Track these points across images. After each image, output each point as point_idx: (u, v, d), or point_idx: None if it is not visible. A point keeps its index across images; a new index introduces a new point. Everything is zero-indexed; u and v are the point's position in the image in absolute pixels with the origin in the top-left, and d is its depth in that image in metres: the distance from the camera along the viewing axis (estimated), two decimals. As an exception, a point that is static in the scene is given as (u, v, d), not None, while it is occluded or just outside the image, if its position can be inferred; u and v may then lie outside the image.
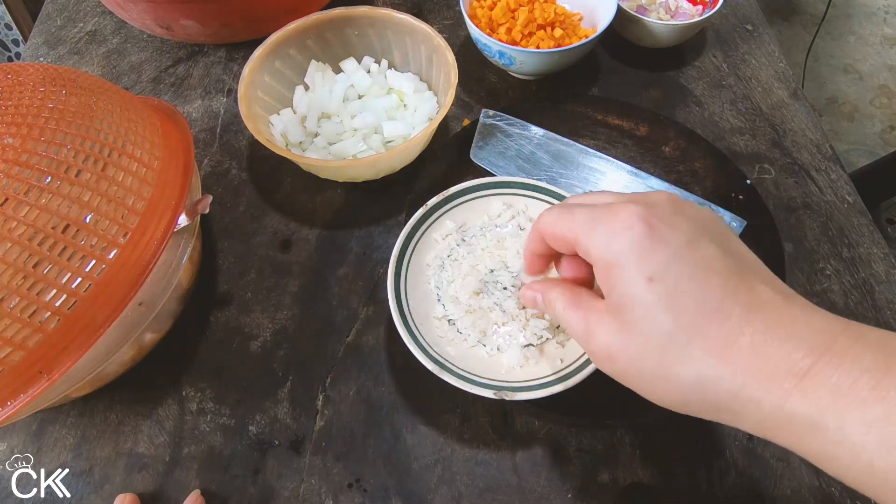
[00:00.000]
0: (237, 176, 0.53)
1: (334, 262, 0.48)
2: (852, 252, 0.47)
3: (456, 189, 0.43)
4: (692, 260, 0.24)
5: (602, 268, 0.26)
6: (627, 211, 0.25)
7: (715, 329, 0.23)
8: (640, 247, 0.24)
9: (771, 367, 0.22)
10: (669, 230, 0.25)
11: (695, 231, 0.25)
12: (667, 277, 0.24)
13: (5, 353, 0.30)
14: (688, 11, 0.60)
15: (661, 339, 0.24)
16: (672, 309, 0.23)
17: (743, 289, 0.23)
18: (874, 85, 1.58)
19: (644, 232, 0.24)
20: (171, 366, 0.43)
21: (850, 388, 0.20)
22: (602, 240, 0.25)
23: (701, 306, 0.23)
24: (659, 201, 0.26)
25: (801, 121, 0.55)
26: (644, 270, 0.24)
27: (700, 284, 0.23)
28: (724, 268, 0.24)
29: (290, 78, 0.54)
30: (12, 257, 0.30)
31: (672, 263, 0.24)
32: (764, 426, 0.23)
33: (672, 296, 0.23)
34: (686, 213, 0.26)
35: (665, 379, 0.24)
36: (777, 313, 0.23)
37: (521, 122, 0.50)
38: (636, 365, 0.25)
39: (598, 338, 0.26)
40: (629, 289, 0.24)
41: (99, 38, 0.65)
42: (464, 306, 0.40)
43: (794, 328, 0.22)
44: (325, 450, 0.40)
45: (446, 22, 0.64)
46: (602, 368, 0.27)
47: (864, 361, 0.21)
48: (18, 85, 0.35)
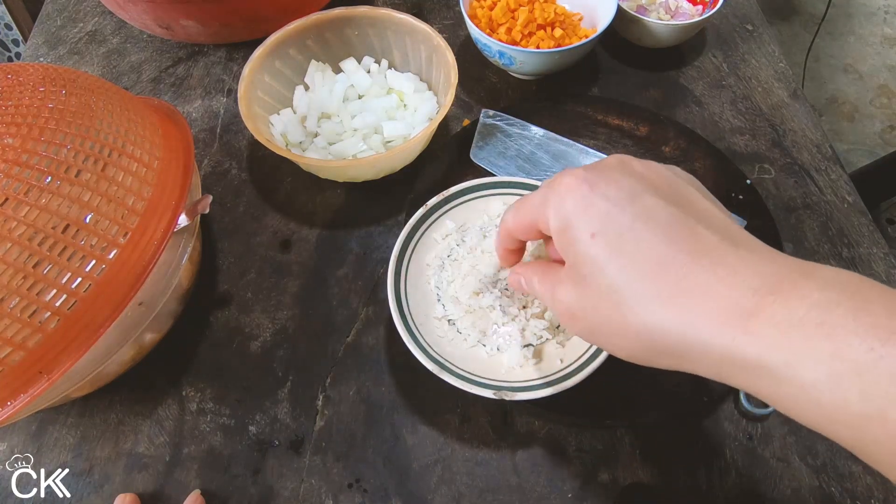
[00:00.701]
0: (237, 176, 0.53)
1: (334, 262, 0.48)
2: (852, 252, 0.47)
3: (456, 189, 0.43)
4: (632, 211, 0.24)
5: (556, 235, 0.26)
6: (571, 174, 0.26)
7: (660, 276, 0.23)
8: (583, 205, 0.25)
9: (716, 309, 0.22)
10: (610, 187, 0.25)
11: (638, 185, 0.25)
12: (608, 231, 0.24)
13: (5, 353, 0.30)
14: (688, 11, 0.60)
15: (610, 291, 0.24)
16: (616, 260, 0.24)
17: (685, 235, 0.24)
18: (874, 85, 1.58)
19: (585, 191, 0.25)
20: (171, 366, 0.43)
21: (796, 324, 0.20)
22: (552, 211, 0.26)
23: (644, 255, 0.24)
24: (606, 163, 0.27)
25: (801, 121, 0.55)
26: (588, 227, 0.25)
27: (640, 234, 0.24)
28: (666, 216, 0.24)
29: (290, 78, 0.54)
30: (12, 257, 0.30)
31: (612, 216, 0.24)
32: (719, 370, 0.23)
33: (615, 248, 0.24)
34: (633, 169, 0.26)
35: (620, 329, 0.25)
36: (723, 258, 0.23)
37: (521, 122, 0.50)
38: (593, 319, 0.26)
39: (560, 299, 0.27)
40: (578, 246, 0.25)
41: (99, 38, 0.65)
42: (464, 306, 0.40)
43: (740, 270, 0.22)
44: (325, 450, 0.40)
45: (446, 22, 0.64)
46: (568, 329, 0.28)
47: (811, 297, 0.21)
48: (18, 85, 0.35)
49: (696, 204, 0.25)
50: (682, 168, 0.28)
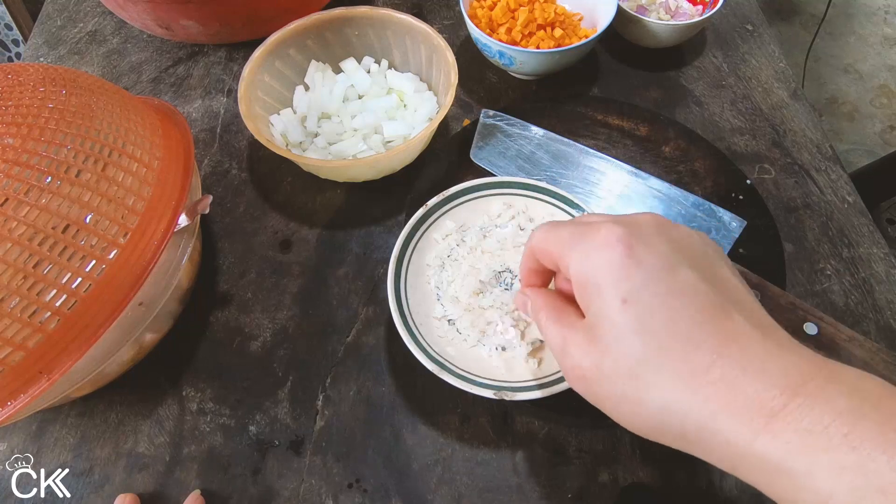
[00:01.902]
0: (237, 176, 0.53)
1: (334, 262, 0.48)
2: (852, 252, 0.47)
3: (456, 189, 0.43)
4: (667, 285, 0.23)
5: (578, 285, 0.25)
6: (608, 230, 0.25)
7: (685, 357, 0.22)
8: (617, 267, 0.24)
9: (741, 403, 0.21)
10: (648, 253, 0.24)
11: (675, 255, 0.24)
12: (640, 300, 0.23)
13: (5, 353, 0.30)
14: (688, 11, 0.60)
15: (631, 363, 0.23)
16: (643, 333, 0.23)
17: (718, 318, 0.23)
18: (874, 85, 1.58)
19: (622, 253, 0.24)
20: (171, 366, 0.43)
21: (821, 433, 0.20)
22: (580, 257, 0.25)
23: (672, 333, 0.23)
24: (644, 222, 0.26)
25: (801, 121, 0.55)
26: (619, 292, 0.24)
27: (673, 310, 0.23)
28: (700, 295, 0.23)
29: (290, 78, 0.54)
30: (12, 257, 0.30)
31: (647, 286, 0.23)
32: (731, 462, 0.22)
33: (644, 320, 0.23)
34: (670, 235, 0.25)
35: (633, 403, 0.24)
36: (751, 347, 0.22)
37: (521, 122, 0.50)
38: (606, 387, 0.24)
39: (572, 356, 0.26)
40: (603, 309, 0.24)
41: (99, 38, 0.65)
42: (464, 306, 0.40)
43: (768, 364, 0.22)
44: (325, 450, 0.40)
45: (446, 22, 0.64)
46: (574, 387, 0.26)
47: (837, 405, 0.20)
48: (18, 85, 0.35)
49: (727, 282, 0.25)
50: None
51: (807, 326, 0.36)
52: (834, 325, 0.36)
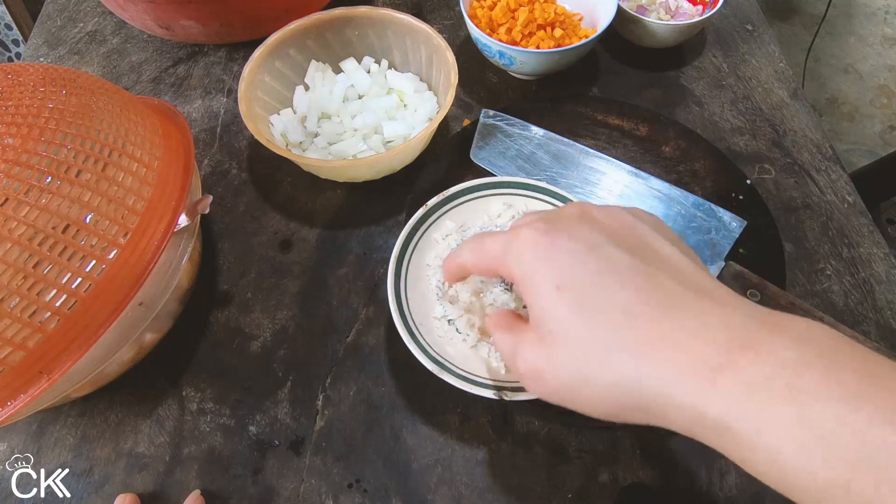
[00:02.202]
0: (237, 176, 0.53)
1: (334, 262, 0.48)
2: (852, 252, 0.47)
3: (456, 189, 0.43)
4: (595, 265, 0.24)
5: (521, 288, 0.26)
6: (530, 227, 0.26)
7: (626, 330, 0.23)
8: (544, 257, 0.25)
9: (686, 364, 0.21)
10: (570, 239, 0.25)
11: (598, 236, 0.25)
12: (573, 284, 0.24)
13: (5, 353, 0.30)
14: (688, 11, 0.60)
15: (580, 346, 0.24)
16: (583, 314, 0.23)
17: (651, 287, 0.23)
18: (874, 85, 1.58)
19: (546, 244, 0.25)
20: (171, 366, 0.43)
21: (765, 386, 0.20)
22: (514, 261, 0.26)
23: (610, 308, 0.23)
24: (565, 214, 0.27)
25: (801, 121, 0.55)
26: (551, 281, 0.24)
27: (606, 287, 0.23)
28: (629, 268, 0.24)
29: (290, 78, 0.54)
30: (12, 257, 0.30)
31: (575, 270, 0.24)
32: (690, 428, 0.22)
33: (581, 301, 0.24)
34: (594, 219, 0.26)
35: (590, 386, 0.24)
36: (689, 309, 0.22)
37: (521, 122, 0.50)
38: (561, 377, 0.24)
39: (524, 358, 0.26)
40: (542, 302, 0.25)
41: (99, 38, 0.65)
42: (464, 306, 0.40)
43: (708, 323, 0.22)
44: (325, 450, 0.40)
45: (446, 22, 0.64)
46: (533, 391, 0.26)
47: (780, 356, 0.20)
48: (18, 85, 0.35)
49: (659, 252, 0.25)
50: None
51: (807, 326, 0.36)
52: (834, 325, 0.36)
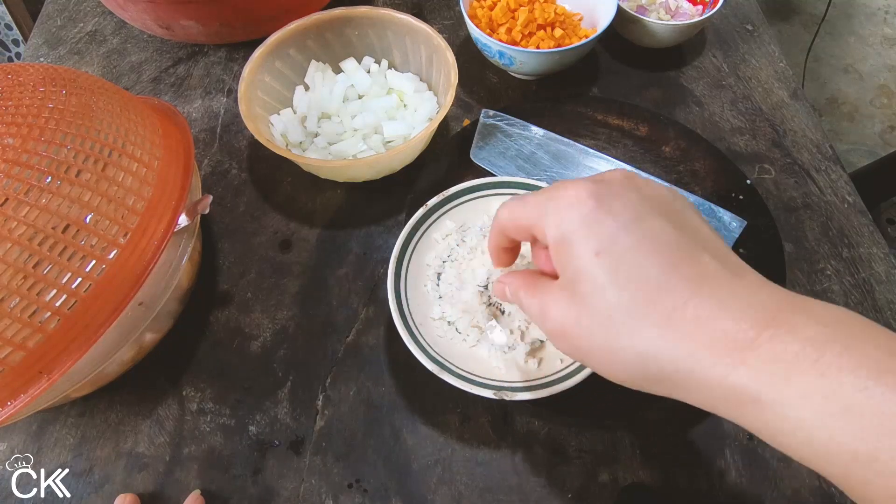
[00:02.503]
0: (237, 176, 0.53)
1: (334, 262, 0.48)
2: (852, 252, 0.47)
3: (456, 189, 0.43)
4: (638, 233, 0.24)
5: (554, 246, 0.26)
6: (576, 188, 0.25)
7: (659, 301, 0.23)
8: (588, 221, 0.24)
9: (715, 340, 0.22)
10: (618, 204, 0.25)
11: (644, 206, 0.25)
12: (613, 251, 0.24)
13: (5, 353, 0.30)
14: (688, 11, 0.60)
15: (609, 312, 0.24)
16: (618, 282, 0.24)
17: (688, 262, 0.23)
18: (874, 85, 1.58)
19: (592, 206, 0.25)
20: (171, 366, 0.43)
21: (791, 360, 0.20)
22: (553, 219, 0.26)
23: (646, 279, 0.23)
24: (612, 178, 0.26)
25: (801, 121, 0.55)
26: (591, 244, 0.24)
27: (645, 257, 0.23)
28: (671, 241, 0.24)
29: (290, 78, 0.54)
30: (12, 257, 0.30)
31: (618, 237, 0.24)
32: (713, 402, 0.23)
33: (618, 269, 0.24)
34: (639, 188, 0.26)
35: (614, 352, 0.24)
36: (722, 287, 0.23)
37: (521, 122, 0.50)
38: (587, 339, 0.25)
39: (552, 315, 0.26)
40: (578, 263, 0.25)
41: (99, 38, 0.65)
42: (463, 306, 0.40)
43: (738, 300, 0.22)
44: (325, 450, 0.40)
45: (446, 22, 0.64)
46: (558, 347, 0.27)
47: (806, 332, 0.21)
48: (18, 85, 0.35)
49: (697, 229, 0.25)
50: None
51: (807, 326, 0.36)
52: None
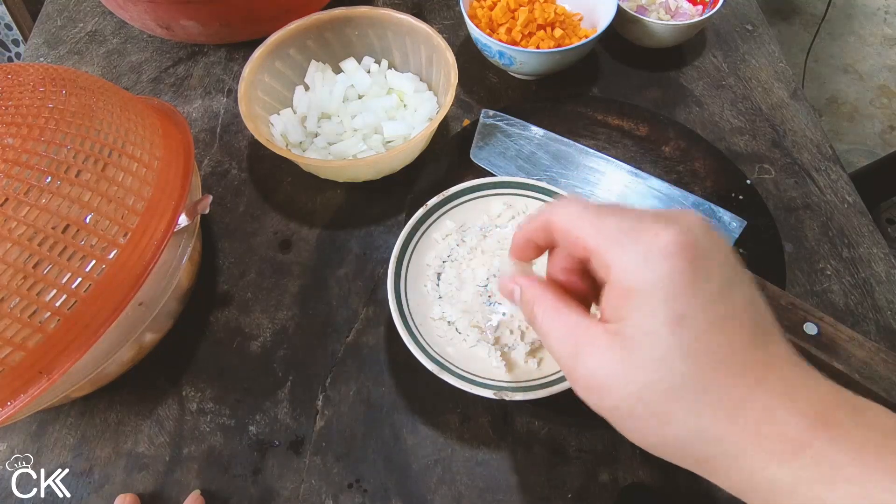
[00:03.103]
0: (237, 176, 0.53)
1: (334, 262, 0.48)
2: (852, 252, 0.47)
3: (456, 189, 0.43)
4: (725, 307, 0.22)
5: (620, 290, 0.23)
6: (669, 235, 0.22)
7: (730, 384, 0.21)
8: (679, 283, 0.22)
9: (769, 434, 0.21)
10: (709, 268, 0.22)
11: (731, 272, 0.23)
12: (696, 322, 0.22)
13: (5, 353, 0.30)
14: (688, 11, 0.60)
15: (672, 385, 0.22)
16: (694, 357, 0.21)
17: (763, 344, 0.22)
18: (874, 85, 1.58)
19: (685, 267, 0.22)
20: (171, 366, 0.43)
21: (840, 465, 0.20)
22: (631, 260, 0.22)
23: (723, 358, 0.22)
24: (695, 226, 0.23)
25: (801, 121, 0.55)
26: (675, 310, 0.21)
27: (727, 335, 0.22)
28: (750, 318, 0.22)
29: (290, 78, 0.54)
30: (12, 257, 0.30)
31: (706, 308, 0.22)
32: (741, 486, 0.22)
33: (697, 343, 0.21)
34: (719, 244, 0.23)
35: (661, 424, 0.22)
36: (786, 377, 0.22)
37: (521, 122, 0.50)
38: (632, 403, 0.23)
39: (592, 364, 0.23)
40: (650, 323, 0.22)
41: (99, 38, 0.65)
42: (463, 306, 0.40)
43: (800, 394, 0.22)
44: (325, 450, 0.40)
45: (446, 22, 0.64)
46: (583, 397, 0.24)
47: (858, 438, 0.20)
48: (18, 85, 0.35)
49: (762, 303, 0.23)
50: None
51: (807, 326, 0.36)
52: (834, 325, 0.36)
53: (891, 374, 0.34)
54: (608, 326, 0.23)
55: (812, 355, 0.35)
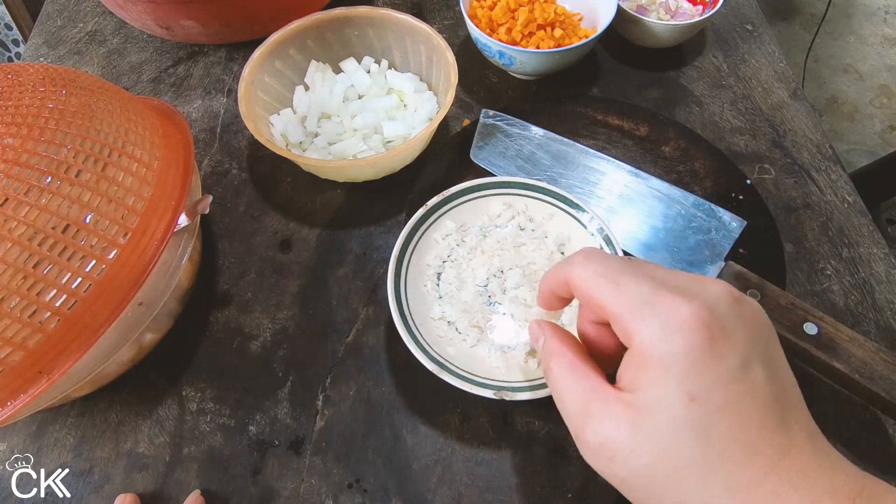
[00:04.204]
0: (237, 176, 0.53)
1: (334, 262, 0.48)
2: (852, 252, 0.47)
3: (456, 189, 0.43)
4: (741, 386, 0.22)
5: (639, 359, 0.23)
6: (689, 310, 0.22)
7: (742, 467, 0.21)
8: (693, 358, 0.21)
9: None
10: (728, 345, 0.22)
11: (751, 347, 0.22)
12: (710, 400, 0.21)
13: (5, 353, 0.30)
14: (688, 11, 0.60)
15: (683, 462, 0.21)
16: (705, 435, 0.21)
17: (779, 426, 0.22)
18: (874, 85, 1.58)
19: (703, 343, 0.22)
20: (171, 366, 0.43)
21: None
22: (651, 332, 0.22)
23: (735, 439, 0.21)
24: (720, 300, 0.23)
25: (801, 121, 0.55)
26: (690, 386, 0.21)
27: (740, 415, 0.21)
28: (767, 399, 0.22)
29: (290, 78, 0.54)
30: (12, 257, 0.30)
31: (720, 387, 0.21)
32: None
33: (710, 421, 0.21)
34: (744, 318, 0.23)
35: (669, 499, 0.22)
36: (803, 462, 0.21)
37: (521, 122, 0.50)
38: (639, 477, 0.22)
39: (600, 430, 0.23)
40: (664, 397, 0.22)
41: (99, 39, 0.65)
42: (463, 306, 0.40)
43: (817, 482, 0.21)
44: (325, 450, 0.40)
45: (446, 22, 0.64)
46: (590, 460, 0.24)
47: None
48: (18, 85, 0.35)
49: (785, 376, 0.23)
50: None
51: (807, 326, 0.36)
52: (834, 325, 0.36)
53: (891, 373, 0.34)
54: (622, 395, 0.23)
55: (812, 355, 0.35)
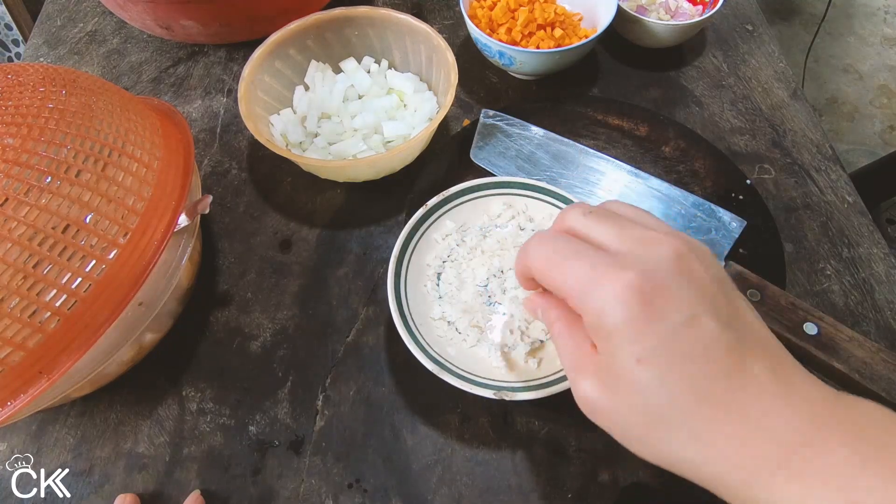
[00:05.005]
0: (237, 176, 0.53)
1: (334, 262, 0.48)
2: (852, 252, 0.47)
3: (456, 189, 0.43)
4: (689, 341, 0.23)
5: (593, 332, 0.25)
6: (622, 281, 0.23)
7: (699, 415, 0.23)
8: (632, 324, 0.23)
9: (749, 458, 0.22)
10: (667, 304, 0.23)
11: (697, 304, 0.23)
12: (658, 359, 0.23)
13: (5, 353, 0.30)
14: (688, 11, 0.60)
15: (649, 417, 0.23)
16: (662, 391, 0.23)
17: (735, 370, 0.23)
18: (874, 85, 1.58)
19: (637, 310, 0.23)
20: (171, 366, 0.43)
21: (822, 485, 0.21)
22: (594, 308, 0.24)
23: (688, 390, 0.23)
24: (663, 260, 0.24)
25: (801, 121, 0.55)
26: (634, 350, 0.23)
27: (693, 368, 0.23)
28: (721, 347, 0.23)
29: (290, 78, 0.54)
30: (12, 257, 0.30)
31: (665, 345, 0.23)
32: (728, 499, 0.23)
33: (663, 378, 0.23)
34: (692, 274, 0.24)
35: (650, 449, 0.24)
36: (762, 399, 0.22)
37: (521, 122, 0.50)
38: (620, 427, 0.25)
39: (584, 389, 0.25)
40: (619, 362, 0.23)
41: (99, 38, 0.65)
42: (463, 306, 0.40)
43: (777, 417, 0.22)
44: (325, 450, 0.40)
45: (446, 22, 0.64)
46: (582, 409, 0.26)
47: (839, 456, 0.21)
48: (18, 85, 0.35)
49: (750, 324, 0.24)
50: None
51: (807, 326, 0.36)
52: (834, 325, 0.36)
53: (891, 373, 0.34)
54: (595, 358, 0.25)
55: (812, 355, 0.35)
